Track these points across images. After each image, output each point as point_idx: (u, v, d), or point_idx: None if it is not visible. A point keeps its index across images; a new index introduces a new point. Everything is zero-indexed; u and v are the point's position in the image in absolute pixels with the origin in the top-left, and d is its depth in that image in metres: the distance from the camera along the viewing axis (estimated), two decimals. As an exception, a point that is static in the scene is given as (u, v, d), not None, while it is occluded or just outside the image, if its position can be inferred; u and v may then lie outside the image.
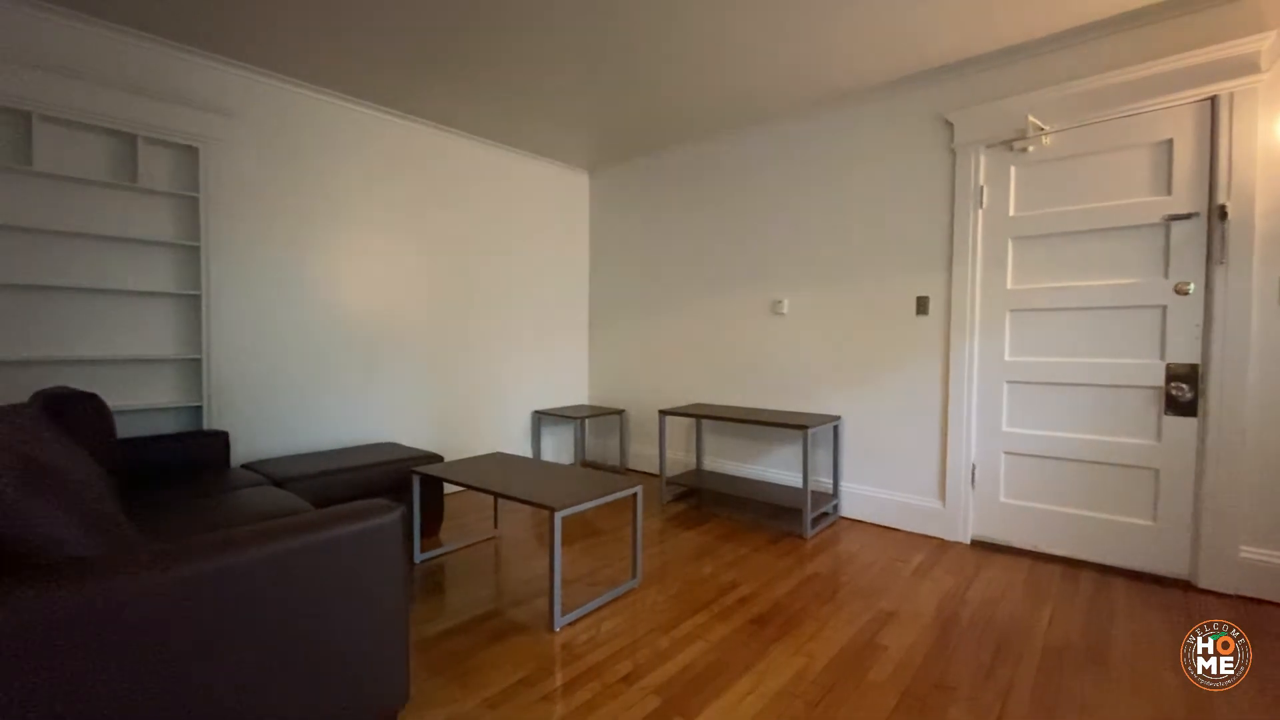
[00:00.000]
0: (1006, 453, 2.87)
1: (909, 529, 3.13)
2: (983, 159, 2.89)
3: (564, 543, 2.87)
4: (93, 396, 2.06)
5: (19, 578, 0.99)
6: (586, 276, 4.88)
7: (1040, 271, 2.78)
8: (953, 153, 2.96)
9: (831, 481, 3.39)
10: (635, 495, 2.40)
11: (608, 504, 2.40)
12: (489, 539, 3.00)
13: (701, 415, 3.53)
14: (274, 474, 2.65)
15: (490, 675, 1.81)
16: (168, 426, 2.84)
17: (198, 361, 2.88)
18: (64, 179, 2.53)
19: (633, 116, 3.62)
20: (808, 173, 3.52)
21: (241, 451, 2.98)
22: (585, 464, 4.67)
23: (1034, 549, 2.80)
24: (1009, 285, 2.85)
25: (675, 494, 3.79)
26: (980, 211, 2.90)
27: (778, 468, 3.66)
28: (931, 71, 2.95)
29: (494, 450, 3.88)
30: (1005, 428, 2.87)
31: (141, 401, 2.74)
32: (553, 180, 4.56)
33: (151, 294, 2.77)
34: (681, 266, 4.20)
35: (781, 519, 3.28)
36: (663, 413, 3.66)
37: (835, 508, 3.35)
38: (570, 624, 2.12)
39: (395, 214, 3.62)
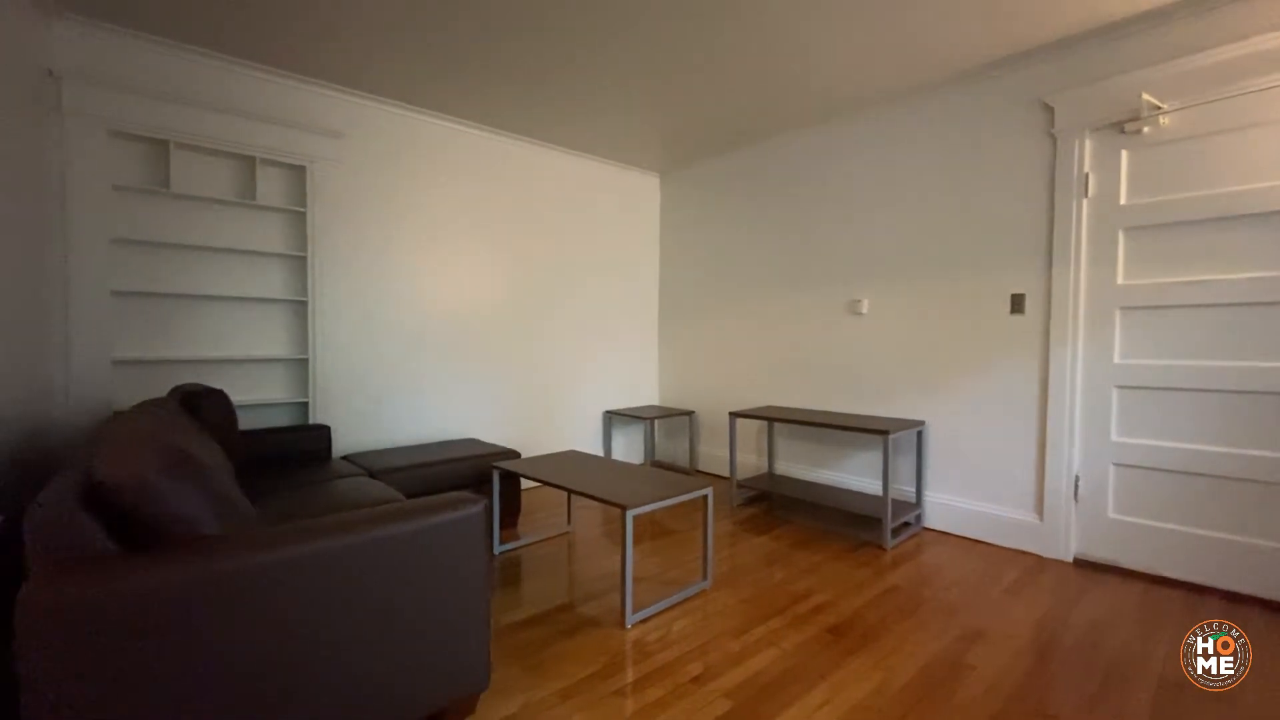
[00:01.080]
0: (1116, 464, 2.62)
1: (1001, 543, 2.92)
2: (1088, 144, 2.66)
3: (635, 542, 2.90)
4: (220, 392, 2.31)
5: (161, 551, 1.14)
6: (657, 278, 4.91)
7: (1157, 265, 2.52)
8: (1053, 138, 2.74)
9: (914, 490, 3.22)
10: (705, 497, 2.40)
11: (678, 505, 2.40)
12: (562, 534, 3.09)
13: (773, 418, 3.46)
14: (369, 465, 2.86)
15: (564, 667, 1.86)
16: (279, 420, 3.13)
17: (305, 361, 3.16)
18: (195, 199, 2.85)
19: (704, 116, 3.61)
20: (888, 167, 3.37)
21: (341, 444, 3.24)
22: (655, 464, 4.70)
23: (1148, 571, 2.53)
24: (1119, 280, 2.60)
25: (746, 497, 3.73)
26: (1085, 201, 2.67)
27: (855, 474, 3.53)
28: (1029, 52, 2.75)
29: (566, 448, 3.98)
30: (1115, 437, 2.62)
31: (257, 397, 3.04)
32: (624, 184, 4.63)
33: (266, 300, 3.07)
34: (753, 266, 4.14)
35: (859, 527, 3.15)
36: (733, 415, 3.62)
37: (918, 518, 3.19)
38: (641, 622, 2.14)
39: (477, 222, 3.80)
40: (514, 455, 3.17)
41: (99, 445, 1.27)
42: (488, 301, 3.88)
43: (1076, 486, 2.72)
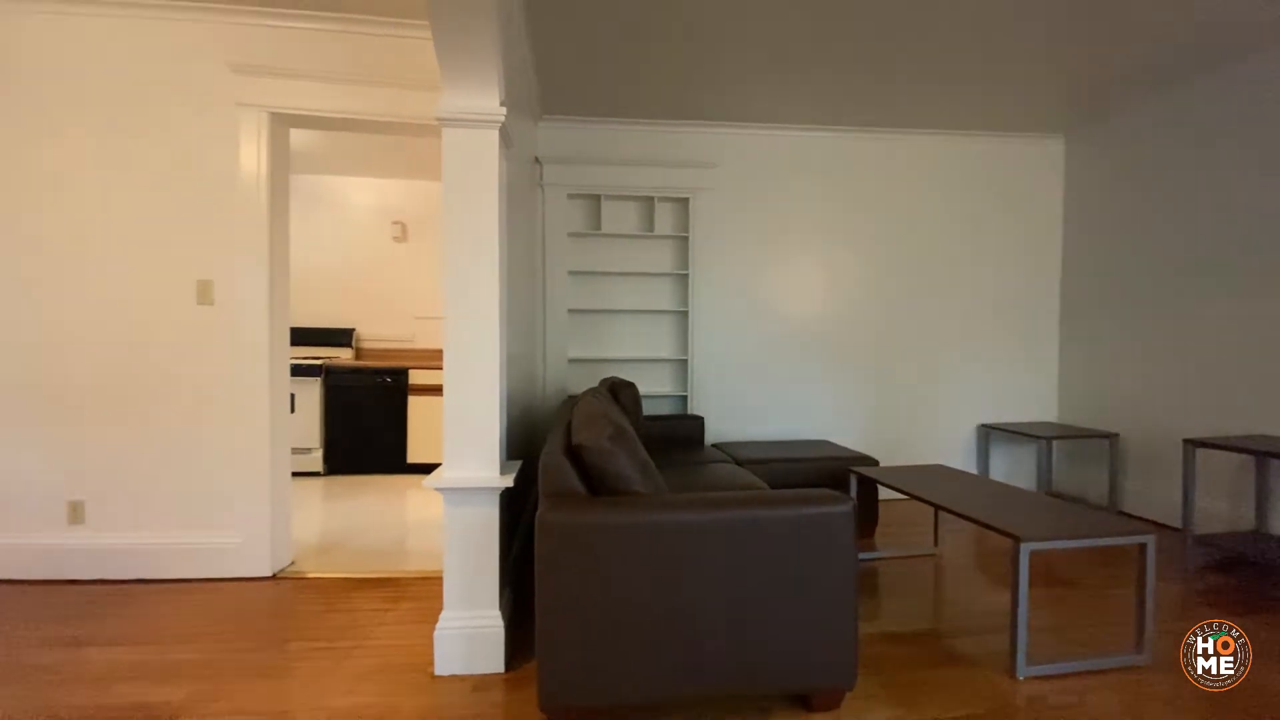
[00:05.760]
0: None
1: None
2: None
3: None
4: (632, 384, 2.94)
5: (611, 497, 1.53)
6: (1057, 265, 3.99)
7: None
8: None
9: None
10: (1143, 547, 1.84)
11: (1088, 550, 1.92)
12: (928, 555, 2.82)
13: (1271, 453, 2.40)
14: (735, 455, 3.18)
15: (935, 697, 1.71)
16: (664, 409, 3.77)
17: (684, 361, 3.73)
18: (615, 235, 3.69)
19: (1146, 38, 2.74)
20: None
21: (711, 433, 3.69)
22: (1050, 495, 3.82)
23: None
24: None
25: (1209, 559, 2.70)
26: None
27: None
28: None
29: (928, 462, 3.60)
30: None
31: (651, 389, 3.73)
32: (1011, 155, 3.92)
33: (657, 312, 3.76)
34: (1223, 234, 2.96)
35: None
36: (1191, 443, 2.66)
37: None
38: (1039, 678, 1.79)
39: (838, 224, 3.83)
40: (872, 462, 3.05)
41: (573, 419, 1.78)
42: (847, 303, 3.86)
43: None
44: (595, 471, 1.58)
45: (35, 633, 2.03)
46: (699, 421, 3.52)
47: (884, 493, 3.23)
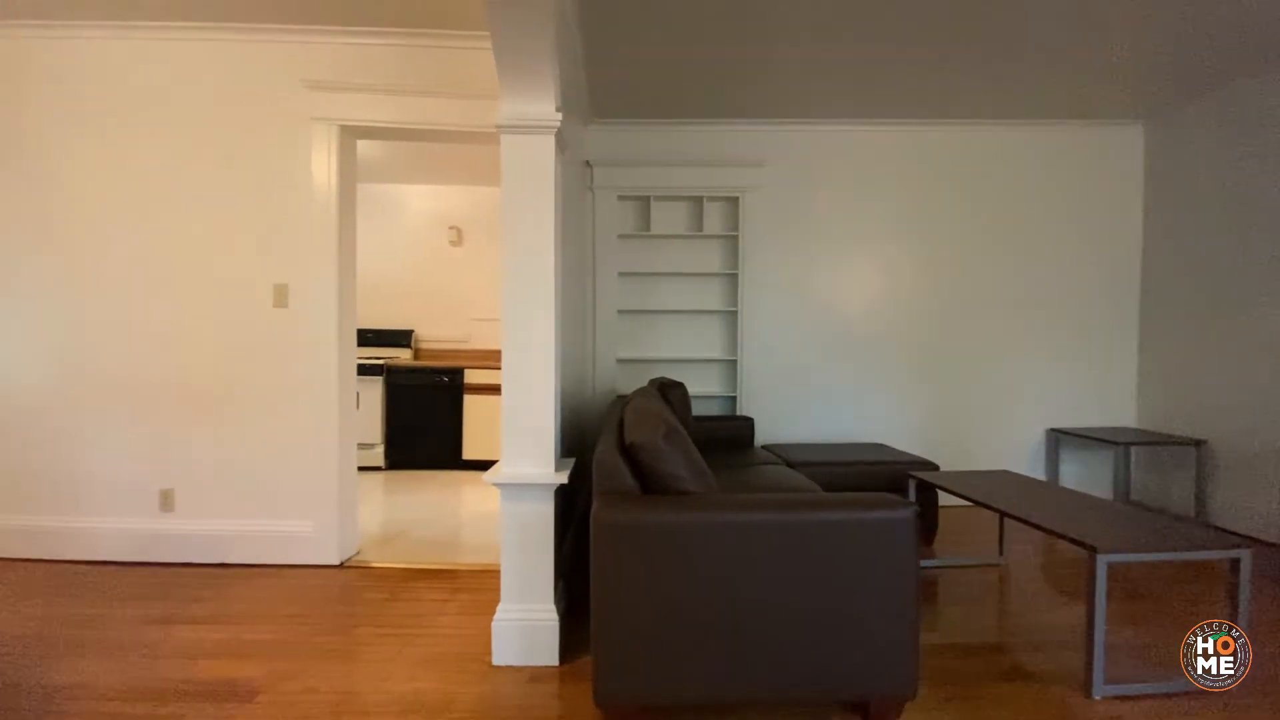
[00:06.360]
0: None
1: None
2: None
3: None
4: (681, 385, 2.94)
5: (664, 496, 1.54)
6: (1136, 259, 3.74)
7: None
8: None
9: None
10: (1237, 562, 1.71)
11: (1170, 564, 1.79)
12: (992, 565, 2.70)
13: (1386, 464, 2.18)
14: (786, 457, 3.13)
15: (1002, 712, 1.63)
16: (712, 409, 3.75)
17: (733, 362, 3.71)
18: (664, 236, 3.70)
19: (1237, 17, 2.52)
20: None
21: (761, 435, 3.65)
22: (1129, 504, 3.58)
23: None
24: None
25: (1315, 579, 2.47)
26: None
27: None
28: None
29: (991, 468, 3.44)
30: None
31: (699, 390, 3.71)
32: (1083, 145, 3.70)
33: (706, 312, 3.74)
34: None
35: None
36: (1289, 451, 2.45)
37: None
38: (1117, 698, 1.69)
39: (893, 218, 3.72)
40: (932, 466, 2.95)
41: (625, 418, 1.80)
42: (905, 300, 3.74)
43: None
44: (649, 470, 1.59)
45: (130, 611, 2.21)
46: (749, 422, 3.48)
47: (943, 499, 3.11)
